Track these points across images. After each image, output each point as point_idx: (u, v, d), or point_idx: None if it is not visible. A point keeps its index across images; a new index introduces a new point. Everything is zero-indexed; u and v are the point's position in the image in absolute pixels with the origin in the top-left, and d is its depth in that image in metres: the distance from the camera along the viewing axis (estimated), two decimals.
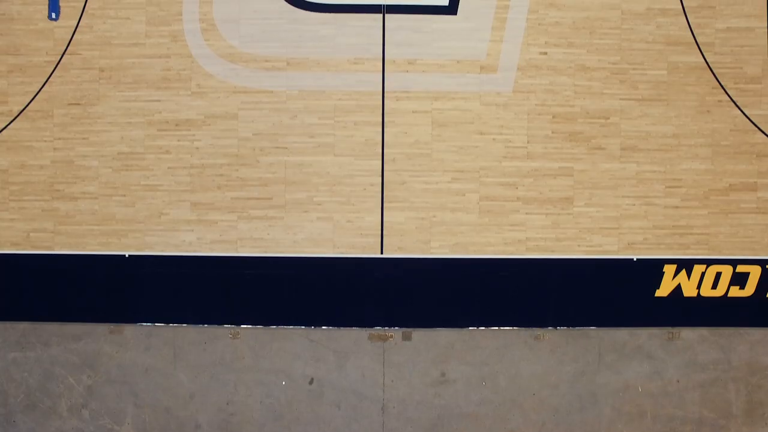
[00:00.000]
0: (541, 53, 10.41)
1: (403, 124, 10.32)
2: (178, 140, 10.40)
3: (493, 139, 10.36)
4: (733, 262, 10.41)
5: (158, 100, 10.42)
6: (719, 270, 10.41)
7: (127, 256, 10.40)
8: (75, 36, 10.47)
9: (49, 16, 10.13)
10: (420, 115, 10.32)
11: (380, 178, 10.32)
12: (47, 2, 10.48)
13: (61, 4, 10.49)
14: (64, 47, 10.48)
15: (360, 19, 10.35)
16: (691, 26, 10.46)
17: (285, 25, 10.38)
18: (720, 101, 10.47)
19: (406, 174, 10.34)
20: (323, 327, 10.38)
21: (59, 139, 10.48)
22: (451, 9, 10.34)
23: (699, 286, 10.40)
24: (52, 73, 10.48)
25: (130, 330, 10.43)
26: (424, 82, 10.33)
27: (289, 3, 10.39)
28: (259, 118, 10.36)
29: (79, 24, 10.48)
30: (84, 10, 10.48)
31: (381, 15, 10.34)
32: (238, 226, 10.38)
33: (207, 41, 10.40)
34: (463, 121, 10.34)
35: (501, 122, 10.36)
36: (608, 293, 10.41)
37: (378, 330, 10.39)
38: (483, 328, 10.35)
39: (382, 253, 10.34)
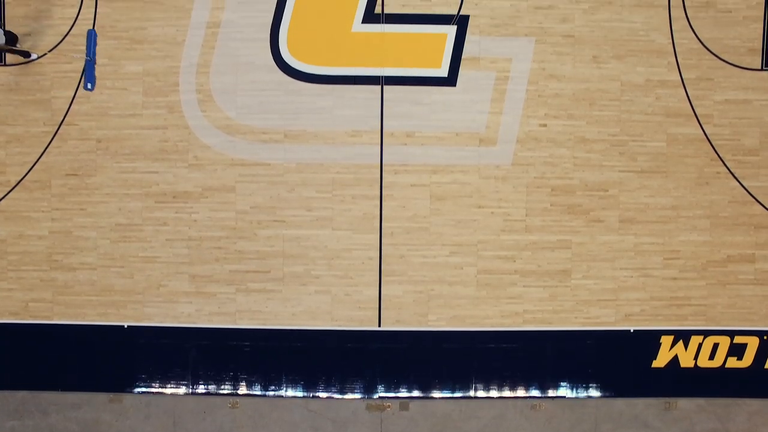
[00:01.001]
0: (540, 125, 10.36)
1: (402, 197, 10.30)
2: (176, 212, 10.38)
3: (492, 213, 10.35)
4: (731, 333, 10.44)
5: (156, 172, 10.39)
6: (717, 341, 10.44)
7: (126, 326, 10.44)
8: (72, 106, 10.43)
9: (85, 87, 10.08)
10: (418, 189, 10.30)
11: (378, 252, 10.32)
12: (46, 72, 10.42)
13: (55, 74, 10.42)
14: (62, 118, 10.44)
15: (358, 91, 10.29)
16: (690, 98, 10.40)
17: (282, 96, 10.32)
18: (718, 173, 10.44)
19: (404, 248, 10.33)
20: (322, 397, 10.43)
21: (57, 209, 10.47)
22: (451, 80, 10.27)
23: (696, 357, 10.44)
24: (49, 144, 10.46)
25: (129, 399, 10.50)
26: (422, 155, 10.29)
27: (286, 74, 10.32)
28: (256, 191, 10.34)
29: (76, 94, 10.42)
30: (81, 80, 10.40)
31: (379, 87, 10.27)
32: (236, 298, 10.40)
33: (204, 112, 10.35)
34: (462, 194, 10.31)
35: (500, 195, 10.33)
36: (605, 364, 10.45)
37: (376, 400, 10.45)
38: (479, 398, 10.40)
39: (379, 326, 10.37)
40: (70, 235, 10.46)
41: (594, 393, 10.44)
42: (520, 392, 10.42)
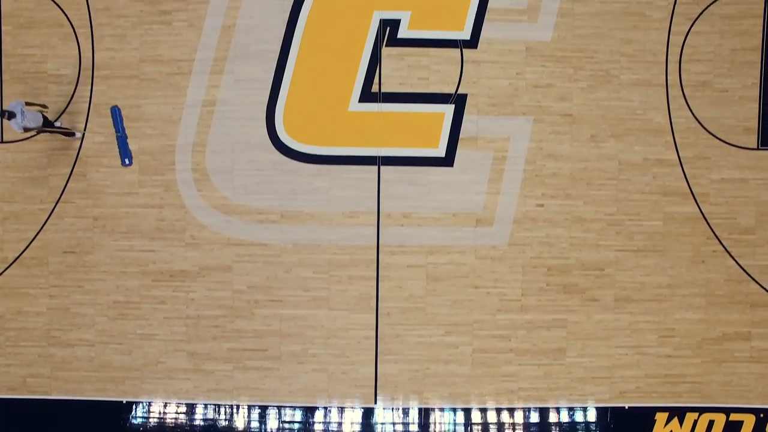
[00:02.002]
0: (538, 205, 10.36)
1: (398, 278, 10.33)
2: (174, 291, 10.42)
3: (488, 293, 10.38)
4: (727, 411, 10.51)
5: (153, 251, 10.41)
6: (712, 418, 10.51)
7: (124, 402, 10.51)
8: (69, 184, 10.43)
9: (123, 163, 10.11)
10: (415, 270, 10.32)
11: (374, 332, 10.37)
12: (43, 149, 10.41)
13: (51, 151, 10.41)
14: (59, 195, 10.44)
15: (355, 172, 10.28)
16: (687, 177, 10.39)
17: (279, 176, 10.31)
18: (714, 251, 10.45)
19: (401, 327, 10.38)
20: None
21: (55, 286, 10.51)
22: (448, 160, 10.26)
23: None
24: (46, 221, 10.47)
25: None
26: (419, 236, 10.31)
27: (282, 154, 10.31)
28: (253, 271, 10.36)
29: (73, 172, 10.41)
30: (78, 157, 10.40)
31: (376, 167, 10.26)
32: (234, 375, 10.46)
33: (200, 192, 10.35)
34: (458, 274, 10.34)
35: (496, 276, 10.36)
36: None
37: None
38: None
39: (375, 403, 10.44)
40: (68, 312, 10.50)
41: None
42: None
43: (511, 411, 10.44)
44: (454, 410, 10.44)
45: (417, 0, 10.23)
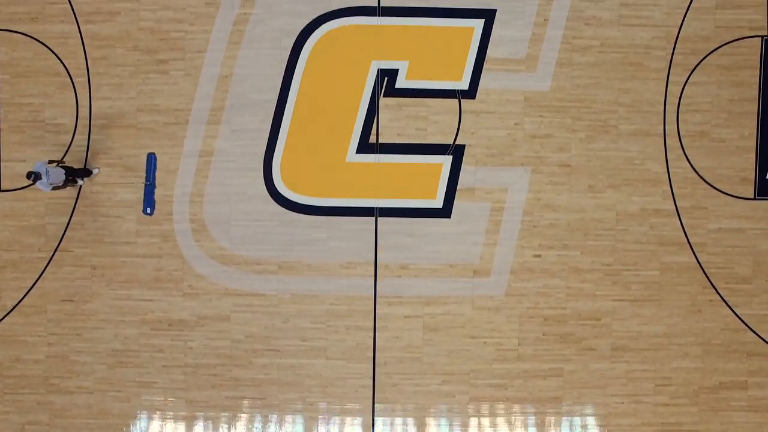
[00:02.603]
0: (535, 256, 10.38)
1: (395, 328, 10.36)
2: (172, 340, 10.45)
3: (484, 343, 10.41)
4: None
5: (151, 300, 10.44)
6: None
7: None
8: (67, 233, 10.44)
9: (144, 211, 10.16)
10: (411, 320, 10.35)
11: (371, 381, 10.41)
12: (41, 198, 10.42)
13: (49, 200, 10.42)
14: (57, 244, 10.45)
15: (353, 223, 10.29)
16: (684, 227, 10.40)
17: (276, 227, 10.33)
18: (711, 300, 10.48)
19: (397, 377, 10.42)
20: None
21: (53, 334, 10.54)
22: (445, 212, 10.27)
23: None
24: (44, 270, 10.49)
25: None
26: (416, 287, 10.33)
27: (280, 205, 10.32)
28: (251, 321, 10.39)
29: (71, 221, 10.43)
30: (75, 207, 10.41)
31: (374, 218, 10.27)
32: (232, 423, 10.51)
33: (198, 242, 10.36)
34: (455, 325, 10.37)
35: (492, 326, 10.39)
36: None
37: None
38: None
39: None
40: (67, 360, 10.54)
41: None
42: None
43: None
44: None
45: (415, 50, 10.21)
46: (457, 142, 10.28)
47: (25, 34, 10.41)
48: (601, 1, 10.34)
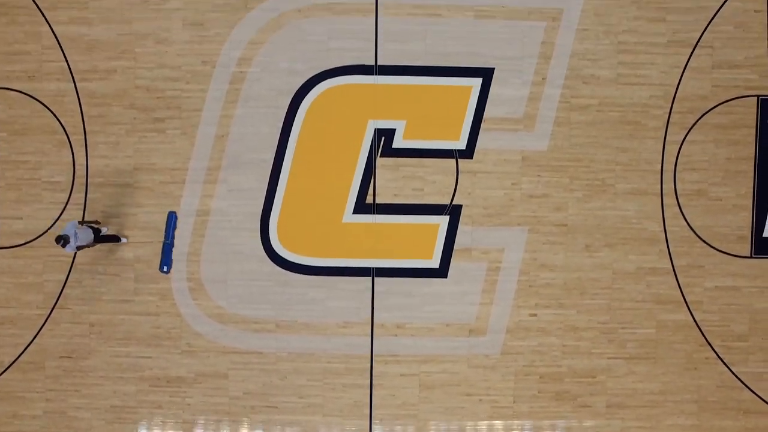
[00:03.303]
0: (530, 315, 10.42)
1: (391, 386, 10.42)
2: (170, 396, 10.52)
3: (480, 400, 10.47)
4: None
5: (149, 357, 10.49)
6: None
7: None
8: (64, 290, 10.47)
9: (161, 269, 10.20)
10: (408, 378, 10.41)
11: None
12: (38, 256, 10.44)
13: (47, 257, 10.44)
14: (54, 301, 10.49)
15: (349, 283, 10.32)
16: (681, 285, 10.43)
17: (273, 287, 10.35)
18: (707, 358, 10.53)
19: None
20: None
21: (51, 390, 10.60)
22: (442, 272, 10.30)
23: None
24: (42, 326, 10.53)
25: None
26: (412, 346, 10.38)
27: (277, 264, 10.34)
28: (249, 378, 10.45)
29: (68, 279, 10.45)
30: (72, 265, 10.44)
31: (371, 278, 10.30)
32: None
33: (195, 300, 10.40)
34: (451, 383, 10.43)
35: (488, 384, 10.45)
36: None
37: None
38: None
39: None
40: (65, 416, 10.61)
41: None
42: None
43: None
44: None
45: (412, 109, 10.19)
46: (454, 203, 10.29)
47: (21, 92, 10.39)
48: (599, 59, 10.30)
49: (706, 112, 10.34)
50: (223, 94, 10.26)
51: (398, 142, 10.21)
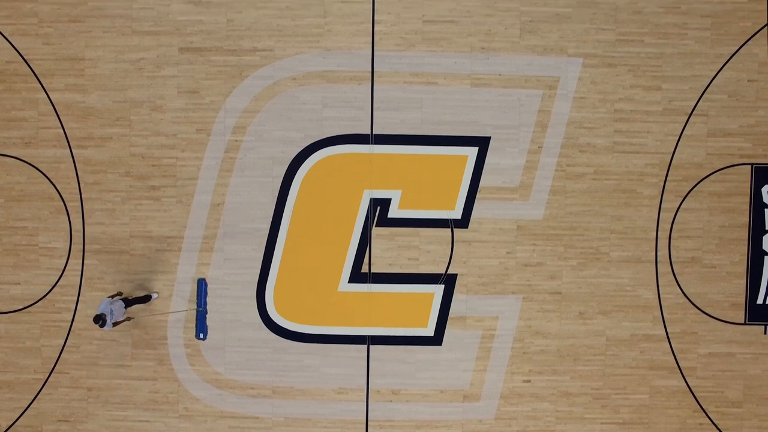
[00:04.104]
0: (524, 381, 10.49)
1: None
2: None
3: None
4: None
5: (147, 421, 10.59)
6: None
7: None
8: (62, 355, 10.54)
9: (197, 336, 10.29)
10: None
11: None
12: (35, 321, 10.51)
13: (44, 323, 10.51)
14: (52, 366, 10.57)
15: (345, 350, 10.39)
16: (675, 351, 10.50)
17: (270, 354, 10.43)
18: (701, 424, 10.62)
19: None
20: None
21: None
22: (436, 340, 10.36)
23: None
24: (40, 391, 10.62)
25: None
26: (407, 412, 10.47)
27: (273, 332, 10.40)
28: None
29: (66, 343, 10.53)
30: (70, 330, 10.51)
31: (366, 346, 10.37)
32: None
33: (193, 366, 10.48)
34: None
35: None
36: None
37: None
38: None
39: None
40: None
41: None
42: None
43: None
44: None
45: (408, 179, 10.21)
46: (449, 272, 10.33)
47: (18, 159, 10.41)
48: (595, 128, 10.30)
49: (701, 180, 10.35)
50: (218, 163, 10.28)
51: (394, 212, 10.24)
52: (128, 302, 9.78)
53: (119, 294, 9.97)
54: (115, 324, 9.37)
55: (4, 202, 10.45)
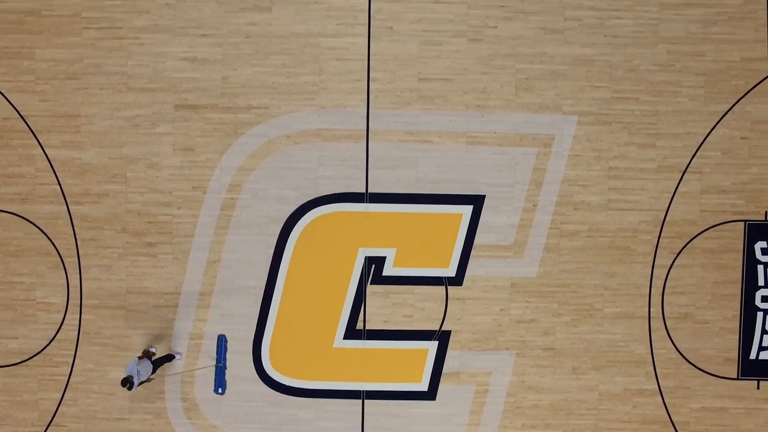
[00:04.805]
0: None
1: None
2: None
3: None
4: None
5: None
6: None
7: None
8: (60, 408, 10.65)
9: (216, 391, 10.37)
10: None
11: None
12: (33, 374, 10.61)
13: (42, 376, 10.61)
14: (50, 419, 10.68)
15: (340, 405, 10.50)
16: (667, 406, 10.60)
17: (266, 407, 10.53)
18: None
19: None
20: None
21: None
22: (430, 394, 10.46)
23: None
24: None
25: None
26: None
27: (269, 387, 10.50)
28: None
29: (64, 397, 10.64)
30: (68, 383, 10.61)
31: (360, 401, 10.47)
32: None
33: (190, 420, 10.59)
34: None
35: None
36: None
37: None
38: None
39: None
40: None
41: None
42: None
43: None
44: None
45: (403, 237, 10.27)
46: (443, 328, 10.41)
47: (16, 214, 10.47)
48: (590, 185, 10.34)
49: (695, 237, 10.40)
50: (214, 220, 10.34)
51: (388, 270, 10.30)
52: (155, 363, 9.83)
53: (147, 354, 9.96)
54: (141, 383, 9.44)
55: (1, 257, 10.52)
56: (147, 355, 9.86)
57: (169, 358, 10.31)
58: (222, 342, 10.23)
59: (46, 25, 10.33)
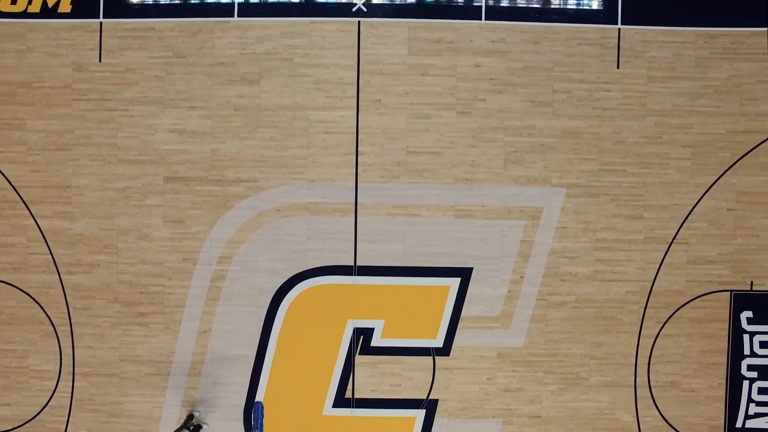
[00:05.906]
0: None
1: None
2: None
3: None
4: None
5: None
6: None
7: None
8: None
9: None
10: None
11: None
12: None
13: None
14: None
15: None
16: None
17: None
18: None
19: None
20: None
21: None
22: None
23: None
24: None
25: None
26: None
27: None
28: None
29: None
30: None
31: None
32: None
33: None
34: None
35: None
36: None
37: None
38: None
39: None
40: None
41: None
42: None
43: None
44: None
45: (391, 309, 10.37)
46: (430, 397, 10.54)
47: (8, 283, 10.58)
48: (577, 257, 10.43)
49: (681, 307, 10.50)
50: (204, 291, 10.44)
51: (377, 341, 10.42)
52: None
53: (186, 425, 10.06)
54: None
55: None
56: (186, 425, 9.98)
57: (198, 428, 10.42)
58: (259, 408, 10.26)
59: (37, 97, 10.39)
